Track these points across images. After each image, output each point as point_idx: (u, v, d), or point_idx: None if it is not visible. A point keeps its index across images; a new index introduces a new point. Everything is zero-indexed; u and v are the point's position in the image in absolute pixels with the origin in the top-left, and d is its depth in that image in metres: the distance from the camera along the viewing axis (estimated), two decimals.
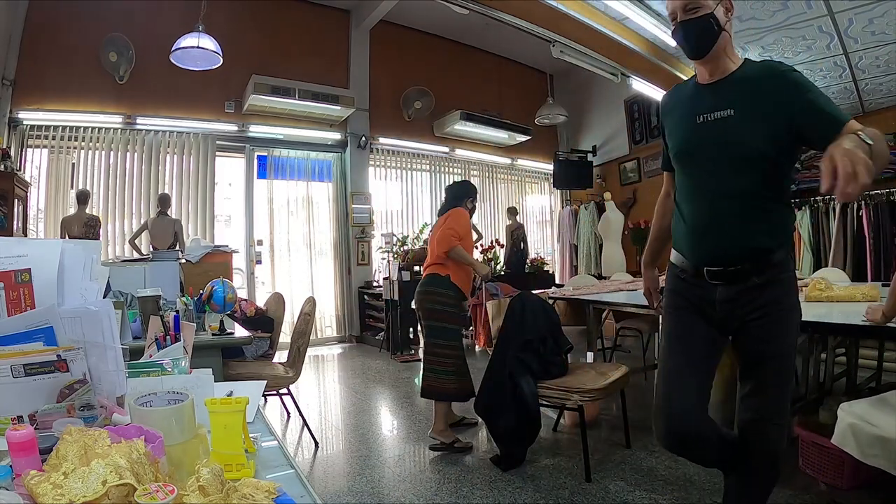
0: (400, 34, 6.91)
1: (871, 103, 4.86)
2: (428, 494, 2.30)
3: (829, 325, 2.18)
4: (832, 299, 2.52)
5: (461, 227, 2.92)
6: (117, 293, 2.45)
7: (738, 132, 1.32)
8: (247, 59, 5.61)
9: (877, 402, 1.76)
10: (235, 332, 2.48)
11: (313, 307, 3.04)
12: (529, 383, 2.58)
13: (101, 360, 0.81)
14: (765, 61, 1.37)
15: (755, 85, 1.32)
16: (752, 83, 1.33)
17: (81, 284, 0.90)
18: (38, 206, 4.91)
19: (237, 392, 0.95)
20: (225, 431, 0.76)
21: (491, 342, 3.22)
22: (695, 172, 1.43)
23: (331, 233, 6.55)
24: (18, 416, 0.74)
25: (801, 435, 2.17)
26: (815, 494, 2.09)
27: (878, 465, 1.60)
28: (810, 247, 5.07)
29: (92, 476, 0.53)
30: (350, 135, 6.47)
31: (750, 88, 1.32)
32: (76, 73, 4.94)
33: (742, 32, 3.47)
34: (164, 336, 1.32)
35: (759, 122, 1.30)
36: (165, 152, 5.45)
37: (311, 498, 0.71)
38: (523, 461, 2.56)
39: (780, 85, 1.28)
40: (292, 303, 5.63)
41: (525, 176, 8.47)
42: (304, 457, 2.83)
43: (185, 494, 0.55)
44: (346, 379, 4.66)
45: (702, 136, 1.39)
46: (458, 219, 2.96)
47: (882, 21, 3.21)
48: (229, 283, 2.71)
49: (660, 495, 2.16)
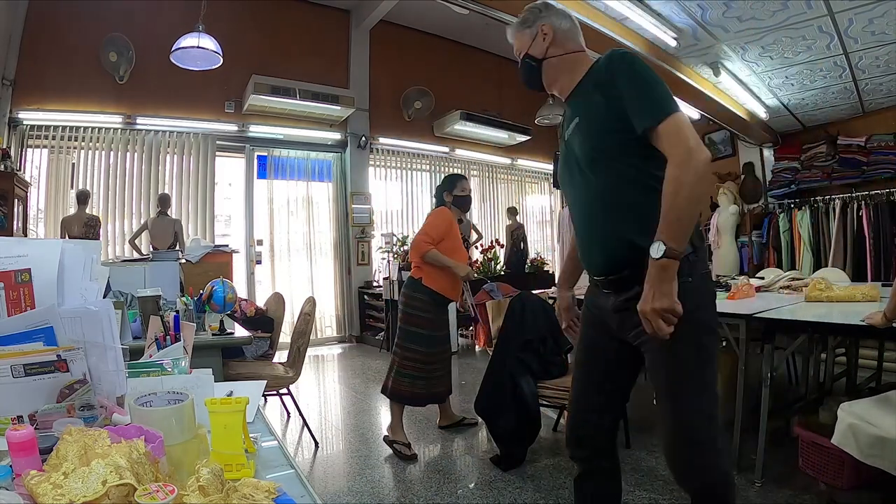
0: (400, 34, 6.91)
1: (871, 103, 4.86)
2: (428, 494, 2.30)
3: (829, 325, 2.18)
4: (832, 299, 2.52)
5: (435, 230, 2.81)
6: (117, 293, 2.45)
7: (584, 136, 1.28)
8: (247, 59, 5.61)
9: (877, 402, 1.76)
10: (235, 332, 2.48)
11: (313, 307, 3.04)
12: (529, 383, 2.58)
13: (101, 360, 0.82)
14: (607, 52, 1.29)
15: (592, 82, 1.28)
16: (591, 82, 1.29)
17: (81, 284, 0.90)
18: (38, 206, 4.91)
19: (237, 392, 0.95)
20: (225, 431, 0.76)
21: (491, 342, 3.21)
22: (568, 188, 1.40)
23: (331, 233, 6.55)
24: (18, 416, 0.74)
25: (801, 435, 2.17)
26: (815, 494, 2.09)
27: (878, 465, 1.60)
28: (810, 247, 5.07)
29: (92, 476, 0.53)
30: (350, 135, 6.47)
31: (589, 88, 1.28)
32: (76, 73, 4.94)
33: (742, 32, 3.47)
34: (164, 336, 1.32)
35: (597, 119, 1.25)
36: (165, 152, 5.45)
37: (311, 498, 0.71)
38: (523, 461, 2.56)
39: (609, 73, 1.23)
40: (292, 303, 5.63)
41: (525, 176, 8.47)
42: (304, 457, 2.83)
43: (185, 494, 0.55)
44: (346, 379, 4.66)
45: (566, 153, 1.37)
46: (434, 220, 2.87)
47: (882, 21, 3.21)
48: (229, 283, 2.71)
49: (660, 495, 2.16)
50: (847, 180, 5.01)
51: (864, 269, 4.63)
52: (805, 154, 5.49)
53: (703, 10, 3.21)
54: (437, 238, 2.79)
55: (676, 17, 3.31)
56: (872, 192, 4.78)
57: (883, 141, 4.84)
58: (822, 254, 5.00)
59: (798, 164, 5.53)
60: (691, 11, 3.22)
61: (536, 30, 1.38)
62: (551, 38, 1.37)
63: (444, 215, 2.88)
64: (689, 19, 3.32)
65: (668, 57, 3.82)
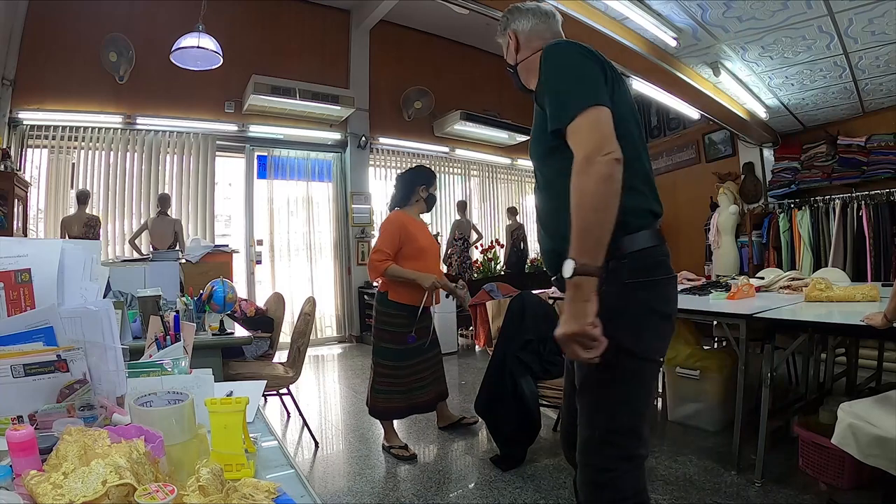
0: (400, 34, 6.91)
1: (871, 103, 4.86)
2: (428, 494, 2.30)
3: (829, 325, 2.19)
4: (832, 299, 2.52)
5: (388, 241, 2.61)
6: (117, 293, 2.46)
7: (532, 134, 1.27)
8: (247, 59, 5.61)
9: (877, 401, 1.76)
10: (235, 332, 2.48)
11: (313, 307, 3.04)
12: (529, 383, 2.58)
13: (101, 360, 0.82)
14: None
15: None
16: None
17: (81, 284, 0.91)
18: (38, 206, 4.91)
19: (237, 392, 0.95)
20: (225, 431, 0.76)
21: (491, 342, 3.21)
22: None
23: (331, 233, 6.55)
24: (18, 416, 0.74)
25: (801, 435, 2.17)
26: (815, 494, 2.09)
27: (878, 465, 1.60)
28: (810, 247, 5.07)
29: (92, 476, 0.53)
30: (350, 135, 6.47)
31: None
32: (76, 73, 4.94)
33: (742, 32, 3.47)
34: (164, 336, 1.32)
35: (537, 117, 1.23)
36: (165, 152, 5.45)
37: (311, 498, 0.71)
38: (523, 461, 2.56)
39: (541, 70, 1.19)
40: (292, 303, 5.63)
41: (525, 176, 8.46)
42: (304, 457, 2.83)
43: (185, 494, 0.55)
44: (346, 379, 4.66)
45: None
46: (385, 231, 2.66)
47: (882, 21, 3.21)
48: (229, 283, 2.71)
49: (660, 495, 2.16)
50: (847, 180, 5.01)
51: (864, 269, 4.63)
52: (805, 154, 5.48)
53: (703, 10, 3.20)
54: (394, 248, 2.62)
55: (676, 17, 3.31)
56: (872, 192, 4.78)
57: (883, 141, 4.83)
58: (822, 254, 4.99)
59: (798, 164, 5.52)
60: (691, 11, 3.22)
61: (507, 38, 1.40)
62: (515, 42, 1.38)
63: (394, 221, 2.67)
64: (689, 19, 3.32)
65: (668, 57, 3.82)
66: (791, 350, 2.27)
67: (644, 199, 1.17)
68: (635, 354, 1.12)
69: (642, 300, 1.13)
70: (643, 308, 1.13)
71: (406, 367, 2.75)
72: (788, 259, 5.27)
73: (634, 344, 1.12)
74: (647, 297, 1.13)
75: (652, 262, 1.15)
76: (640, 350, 1.13)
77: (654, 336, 1.16)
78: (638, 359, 1.13)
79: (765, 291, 3.04)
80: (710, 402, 2.89)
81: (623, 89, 1.18)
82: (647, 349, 1.15)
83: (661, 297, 1.17)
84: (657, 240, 1.16)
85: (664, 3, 3.16)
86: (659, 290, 1.16)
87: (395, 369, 2.73)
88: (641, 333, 1.13)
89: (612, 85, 1.14)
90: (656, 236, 1.17)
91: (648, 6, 3.18)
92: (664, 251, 1.18)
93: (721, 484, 2.24)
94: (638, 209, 1.15)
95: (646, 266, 1.14)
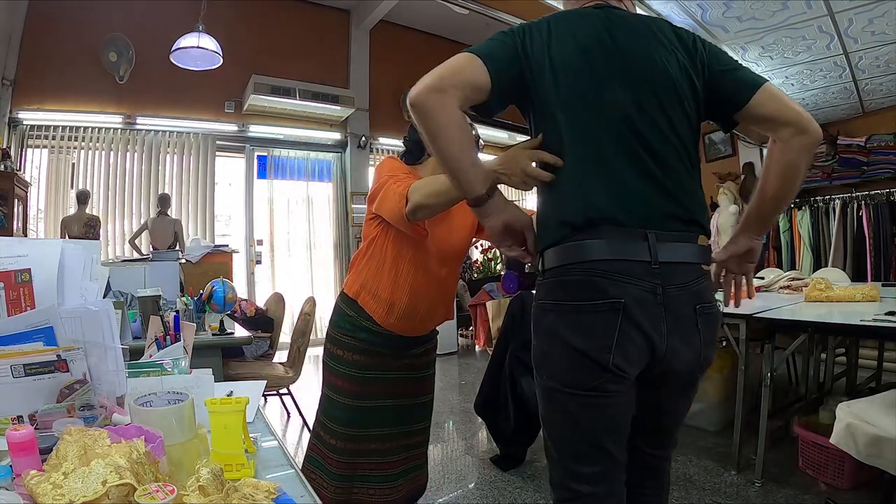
0: (400, 34, 6.91)
1: (871, 103, 4.86)
2: (428, 494, 2.29)
3: (829, 325, 2.19)
4: (832, 299, 2.52)
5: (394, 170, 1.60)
6: (117, 293, 2.46)
7: None
8: (247, 59, 5.60)
9: (876, 401, 1.76)
10: (235, 332, 2.48)
11: (313, 307, 3.04)
12: (529, 383, 2.58)
13: (101, 360, 0.82)
14: None
15: None
16: None
17: (81, 284, 0.90)
18: (38, 206, 4.91)
19: (237, 392, 0.95)
20: (225, 431, 0.76)
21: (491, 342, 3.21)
22: None
23: (331, 233, 6.55)
24: (18, 416, 0.74)
25: (801, 435, 2.17)
26: (815, 494, 2.09)
27: (877, 465, 1.60)
28: (810, 247, 5.07)
29: (92, 476, 0.53)
30: (350, 135, 6.47)
31: None
32: (76, 73, 4.94)
33: (742, 32, 3.47)
34: (164, 336, 1.32)
35: None
36: (165, 152, 5.45)
37: (311, 498, 0.71)
38: (523, 461, 2.56)
39: None
40: (292, 303, 5.62)
41: None
42: (303, 457, 2.82)
43: (185, 494, 0.55)
44: None
45: None
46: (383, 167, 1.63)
47: (882, 21, 3.21)
48: (229, 283, 2.71)
49: None
50: (847, 180, 5.01)
51: (864, 269, 4.63)
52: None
53: (702, 10, 3.20)
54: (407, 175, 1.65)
55: (676, 17, 3.31)
56: (872, 192, 4.78)
57: (883, 141, 4.83)
58: (822, 254, 4.99)
59: None
60: (691, 11, 3.22)
61: None
62: None
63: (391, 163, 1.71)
64: (689, 19, 3.32)
65: None
66: (791, 350, 2.27)
67: (556, 207, 1.01)
68: (544, 378, 1.00)
69: (548, 325, 0.98)
70: (549, 333, 0.98)
71: (364, 438, 1.59)
72: (788, 259, 5.28)
73: (541, 368, 1.01)
74: (555, 323, 0.96)
75: (568, 283, 0.95)
76: (547, 376, 0.99)
77: (565, 367, 0.96)
78: (550, 386, 0.99)
79: (765, 291, 3.04)
80: (710, 402, 2.89)
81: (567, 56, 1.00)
82: (558, 379, 0.97)
83: (576, 327, 0.93)
84: (579, 255, 0.94)
85: (664, 3, 3.16)
86: (571, 318, 0.94)
87: (344, 439, 1.59)
88: (549, 361, 0.99)
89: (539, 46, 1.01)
90: (577, 251, 0.94)
91: (648, 6, 3.18)
92: (600, 269, 0.92)
93: (721, 484, 2.24)
94: (548, 220, 1.01)
95: (560, 286, 0.96)
